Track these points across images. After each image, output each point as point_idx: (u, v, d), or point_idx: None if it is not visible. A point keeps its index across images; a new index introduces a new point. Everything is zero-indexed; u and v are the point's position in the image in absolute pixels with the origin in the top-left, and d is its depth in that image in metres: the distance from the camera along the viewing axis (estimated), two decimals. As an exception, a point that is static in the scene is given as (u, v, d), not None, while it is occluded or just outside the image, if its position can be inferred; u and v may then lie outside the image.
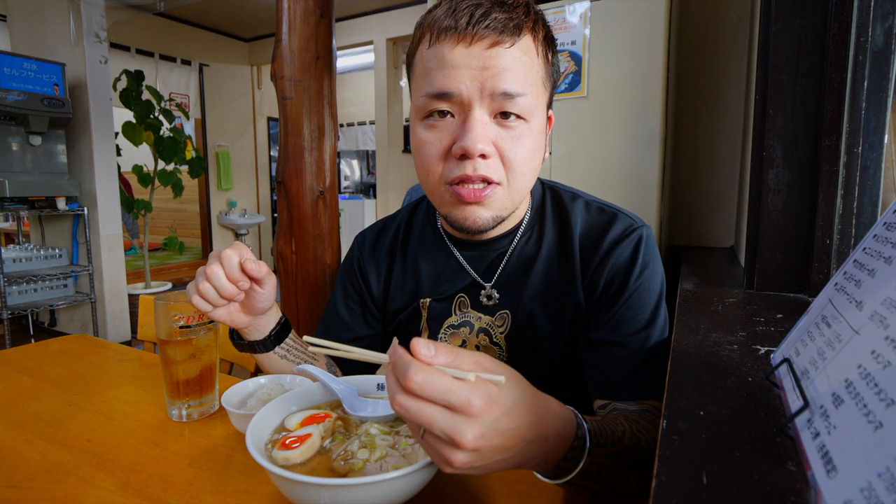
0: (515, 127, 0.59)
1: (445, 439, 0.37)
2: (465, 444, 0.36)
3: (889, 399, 0.25)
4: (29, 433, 0.67)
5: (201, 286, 0.61)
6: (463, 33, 0.57)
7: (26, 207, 3.03)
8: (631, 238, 0.67)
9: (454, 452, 0.37)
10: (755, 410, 0.39)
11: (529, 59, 0.59)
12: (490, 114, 0.59)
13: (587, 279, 0.68)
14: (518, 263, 0.71)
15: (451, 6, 0.59)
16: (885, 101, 0.65)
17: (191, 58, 5.00)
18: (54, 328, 3.64)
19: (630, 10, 1.52)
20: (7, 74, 2.82)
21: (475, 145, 0.57)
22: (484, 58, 0.57)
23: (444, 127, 0.60)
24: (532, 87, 0.60)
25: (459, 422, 0.36)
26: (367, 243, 0.82)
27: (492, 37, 0.57)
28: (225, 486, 0.55)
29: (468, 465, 0.38)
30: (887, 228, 0.36)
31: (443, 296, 0.75)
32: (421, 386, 0.35)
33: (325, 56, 1.67)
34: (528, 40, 0.59)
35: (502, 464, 0.41)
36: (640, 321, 0.65)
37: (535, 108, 0.60)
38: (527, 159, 0.61)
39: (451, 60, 0.57)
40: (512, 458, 0.41)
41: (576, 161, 1.65)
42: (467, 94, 0.57)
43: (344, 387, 0.60)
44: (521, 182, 0.62)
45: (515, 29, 0.58)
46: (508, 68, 0.57)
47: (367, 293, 0.81)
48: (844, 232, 0.69)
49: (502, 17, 0.57)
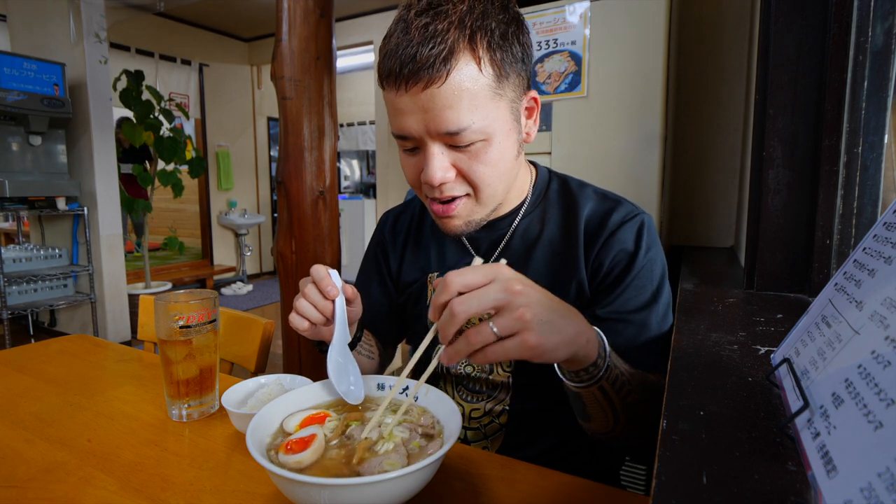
0: (472, 149, 0.62)
1: (511, 325, 0.43)
2: (525, 313, 0.42)
3: (889, 399, 0.25)
4: (29, 433, 0.67)
5: (299, 304, 0.64)
6: (398, 79, 0.58)
7: (26, 207, 3.03)
8: (634, 221, 0.70)
9: (527, 333, 0.43)
10: (755, 410, 0.39)
11: (470, 83, 0.57)
12: (444, 144, 0.61)
13: (591, 260, 0.70)
14: (521, 243, 0.75)
15: (390, 49, 0.58)
16: (885, 101, 0.65)
17: (191, 58, 5.00)
18: (54, 328, 3.63)
19: (630, 10, 1.52)
20: (7, 74, 2.82)
21: (433, 179, 0.61)
22: (422, 100, 0.58)
23: (415, 154, 0.65)
24: (479, 110, 0.59)
25: (512, 298, 0.43)
26: (389, 223, 0.90)
27: (424, 78, 0.56)
28: (225, 486, 0.55)
29: (543, 340, 0.43)
30: (887, 228, 0.36)
31: (446, 271, 0.78)
32: (463, 280, 0.43)
33: (325, 56, 1.67)
34: (466, 60, 0.57)
35: (564, 334, 0.46)
36: (643, 299, 0.68)
37: (488, 124, 0.60)
38: (490, 171, 0.63)
39: (398, 106, 0.60)
40: (568, 323, 0.47)
41: (576, 161, 1.65)
42: (418, 134, 0.60)
43: (355, 388, 0.62)
44: (488, 191, 0.65)
45: (444, 61, 0.56)
46: (447, 106, 0.57)
47: (384, 266, 0.89)
48: (844, 232, 0.68)
49: (428, 52, 0.55)
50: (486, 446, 0.76)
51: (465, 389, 0.78)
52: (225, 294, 4.95)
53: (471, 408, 0.77)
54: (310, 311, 0.63)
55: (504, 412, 0.75)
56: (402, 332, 0.93)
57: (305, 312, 0.63)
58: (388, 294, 0.89)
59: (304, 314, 0.63)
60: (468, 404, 0.77)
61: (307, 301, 0.63)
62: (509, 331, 0.43)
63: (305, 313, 0.63)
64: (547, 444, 0.74)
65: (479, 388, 0.77)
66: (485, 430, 0.76)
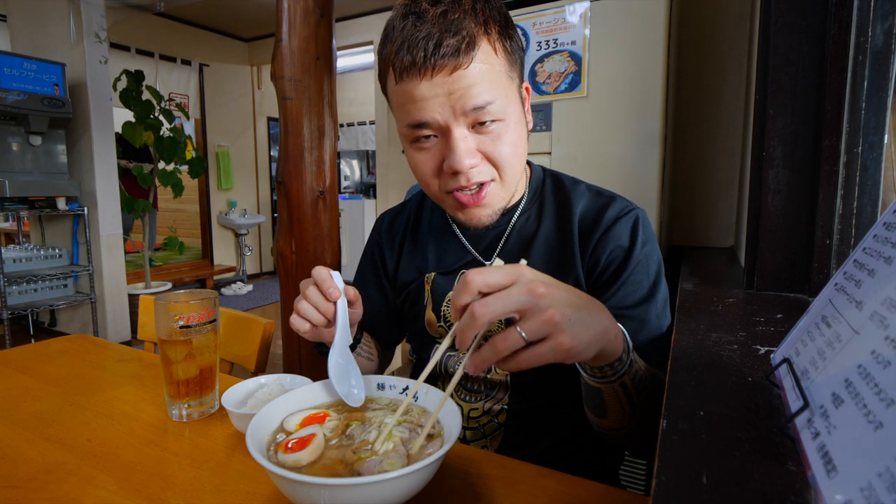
0: (493, 129, 0.63)
1: (540, 329, 0.41)
2: (554, 315, 0.41)
3: (889, 399, 0.25)
4: (29, 433, 0.67)
5: (300, 305, 0.64)
6: (423, 68, 0.59)
7: (26, 207, 3.03)
8: (628, 217, 0.71)
9: (560, 335, 0.41)
10: (755, 410, 0.39)
11: (490, 64, 0.61)
12: (468, 126, 0.63)
13: (587, 257, 0.71)
14: (517, 241, 0.76)
15: (404, 41, 0.60)
16: (885, 101, 0.65)
17: (191, 58, 5.00)
18: (54, 328, 3.63)
19: (630, 10, 1.52)
20: (7, 74, 2.82)
21: (462, 163, 0.62)
22: (448, 84, 0.59)
23: (432, 146, 0.65)
24: (499, 89, 0.62)
25: (537, 301, 0.41)
26: (385, 224, 0.91)
27: (450, 64, 0.59)
28: (225, 486, 0.55)
29: (575, 340, 0.42)
30: (887, 228, 0.36)
31: (445, 270, 0.80)
32: (484, 280, 0.42)
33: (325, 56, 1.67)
34: (485, 46, 0.60)
35: (593, 330, 0.44)
36: (641, 295, 0.68)
37: (507, 104, 0.63)
38: (511, 152, 0.65)
39: (420, 94, 0.61)
40: (595, 320, 0.45)
41: (576, 161, 1.65)
42: (443, 119, 0.61)
43: (357, 391, 0.62)
44: (511, 172, 0.66)
45: (469, 46, 0.59)
46: (473, 83, 0.60)
47: (381, 267, 0.89)
48: (844, 232, 0.68)
49: (454, 41, 0.58)
50: (486, 446, 0.76)
51: (464, 389, 0.78)
52: (225, 294, 4.95)
53: (469, 407, 0.77)
54: (311, 312, 0.63)
55: (503, 411, 0.75)
56: (401, 333, 0.93)
57: (307, 314, 0.63)
58: (386, 295, 0.89)
59: (306, 316, 0.63)
60: (467, 404, 0.77)
61: (308, 303, 0.63)
62: (539, 335, 0.42)
63: (307, 315, 0.63)
64: (546, 443, 0.74)
65: (477, 388, 0.77)
66: (484, 430, 0.76)
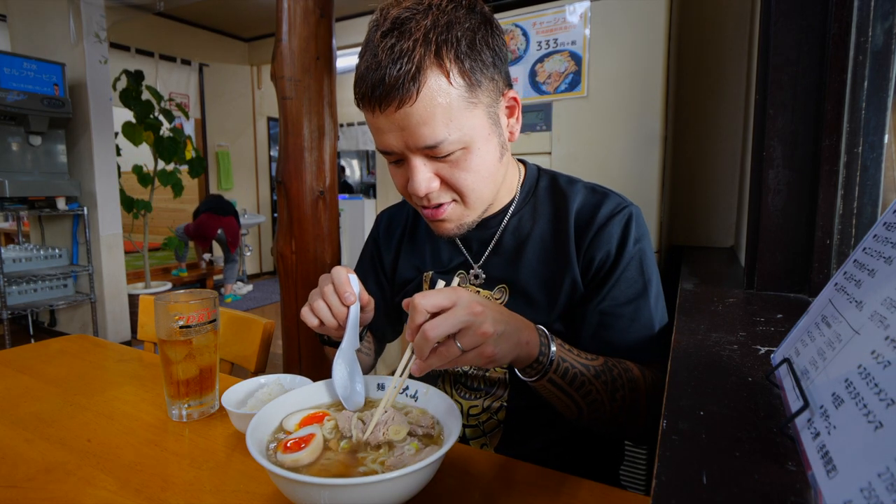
0: (452, 158, 0.63)
1: (474, 341, 0.49)
2: (487, 329, 0.49)
3: (889, 399, 0.25)
4: (29, 433, 0.67)
5: (316, 304, 0.64)
6: (371, 101, 0.59)
7: (26, 207, 3.03)
8: (622, 214, 0.71)
9: (486, 346, 0.50)
10: (755, 410, 0.39)
11: (442, 97, 0.57)
12: (425, 156, 0.62)
13: (582, 254, 0.71)
14: (512, 240, 0.76)
15: (359, 71, 0.60)
16: (885, 101, 0.65)
17: (191, 58, 5.00)
18: (54, 328, 3.63)
19: (630, 10, 1.52)
20: (7, 74, 2.82)
21: (418, 190, 0.63)
22: (398, 120, 0.58)
23: (400, 167, 0.66)
24: (455, 120, 0.59)
25: (475, 319, 0.49)
26: (384, 222, 0.92)
27: (395, 98, 0.57)
28: (225, 486, 0.55)
29: (497, 349, 0.51)
30: (887, 228, 0.36)
31: (441, 270, 0.81)
32: (431, 302, 0.49)
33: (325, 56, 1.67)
34: (434, 76, 0.57)
35: (512, 340, 0.53)
36: (633, 292, 0.69)
37: (465, 133, 0.60)
38: (473, 177, 0.64)
39: (376, 125, 0.62)
40: (515, 331, 0.54)
41: (576, 161, 1.65)
42: (399, 149, 0.62)
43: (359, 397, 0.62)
44: (474, 195, 0.66)
45: (413, 80, 0.56)
46: (421, 122, 0.58)
47: (379, 264, 0.90)
48: (844, 232, 0.68)
49: (396, 73, 0.55)
50: (485, 443, 0.76)
51: (463, 387, 0.79)
52: (225, 294, 4.94)
53: (469, 405, 0.77)
54: (324, 312, 0.64)
55: (502, 409, 0.75)
56: (398, 329, 0.94)
57: (319, 313, 0.64)
58: (384, 291, 0.90)
59: (318, 314, 0.64)
60: (466, 402, 0.77)
61: (324, 302, 0.64)
62: (472, 346, 0.50)
63: (319, 314, 0.64)
64: (545, 440, 0.75)
65: (476, 386, 0.77)
66: (483, 427, 0.76)
